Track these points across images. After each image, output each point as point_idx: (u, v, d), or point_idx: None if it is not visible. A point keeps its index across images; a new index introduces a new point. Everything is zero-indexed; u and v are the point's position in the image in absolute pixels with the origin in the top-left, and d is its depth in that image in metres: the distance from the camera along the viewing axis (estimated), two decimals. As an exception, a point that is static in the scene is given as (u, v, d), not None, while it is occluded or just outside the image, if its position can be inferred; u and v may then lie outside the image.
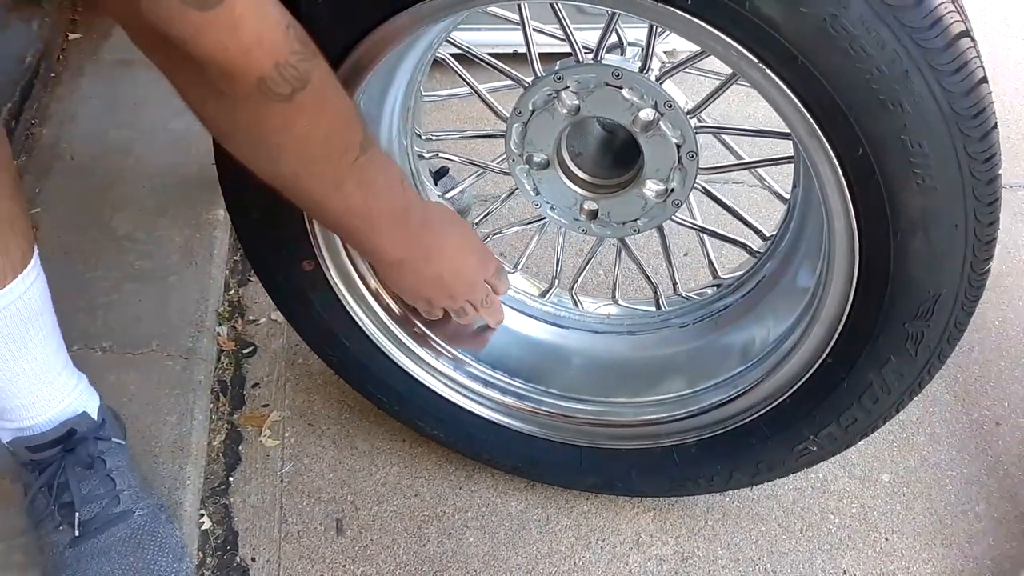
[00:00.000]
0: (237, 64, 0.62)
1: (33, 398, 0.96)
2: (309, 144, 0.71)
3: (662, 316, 1.12)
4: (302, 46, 0.66)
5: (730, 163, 1.01)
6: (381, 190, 0.81)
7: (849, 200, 0.77)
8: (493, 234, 1.17)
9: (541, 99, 0.93)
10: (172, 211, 1.43)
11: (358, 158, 0.76)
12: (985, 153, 0.73)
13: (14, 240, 0.88)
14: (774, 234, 1.04)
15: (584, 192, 1.00)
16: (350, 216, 0.81)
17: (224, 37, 0.60)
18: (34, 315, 0.93)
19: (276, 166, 0.74)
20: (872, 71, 0.69)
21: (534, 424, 1.08)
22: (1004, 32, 2.03)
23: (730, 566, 1.12)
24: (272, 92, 0.65)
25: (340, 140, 0.74)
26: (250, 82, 0.63)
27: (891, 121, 0.71)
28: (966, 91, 0.70)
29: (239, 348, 1.32)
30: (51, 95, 1.64)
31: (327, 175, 0.76)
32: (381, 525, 1.13)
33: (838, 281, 0.83)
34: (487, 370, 1.08)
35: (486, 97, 1.03)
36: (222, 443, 1.20)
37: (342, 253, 1.01)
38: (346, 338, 1.06)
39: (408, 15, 0.79)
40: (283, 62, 0.64)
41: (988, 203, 0.75)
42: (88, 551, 0.95)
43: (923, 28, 0.67)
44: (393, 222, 0.85)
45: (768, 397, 0.95)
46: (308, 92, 0.67)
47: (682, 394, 1.03)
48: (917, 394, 0.90)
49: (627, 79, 0.88)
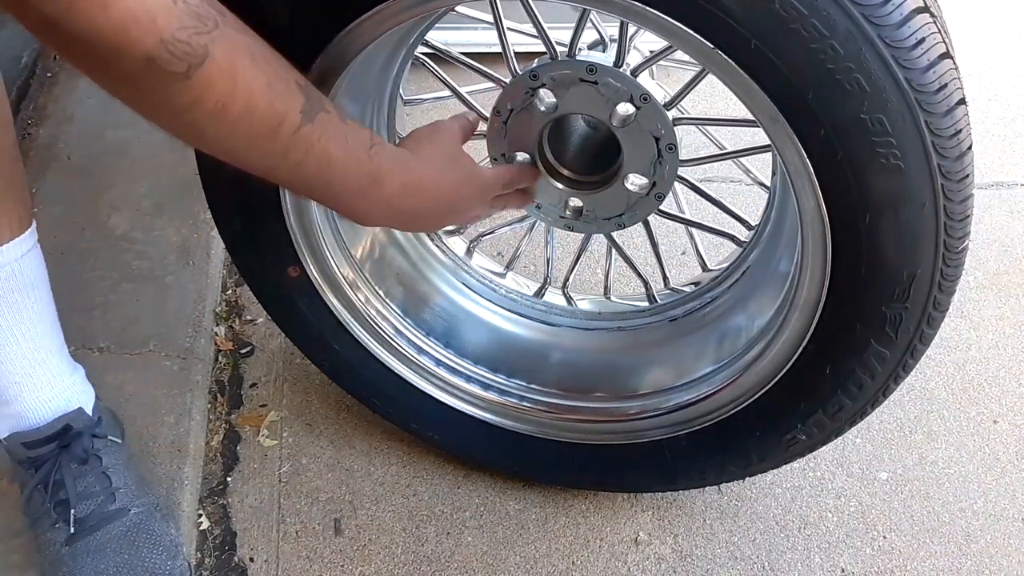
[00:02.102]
0: (115, 42, 0.58)
1: (25, 375, 0.96)
2: (229, 119, 0.67)
3: (652, 310, 1.12)
4: (196, 19, 0.62)
5: (710, 154, 1.01)
6: (337, 159, 0.75)
7: (816, 183, 0.76)
8: (484, 235, 1.18)
9: (519, 98, 0.94)
10: (169, 211, 1.43)
11: (300, 127, 0.70)
12: (950, 129, 0.72)
13: (11, 200, 0.88)
14: (758, 223, 1.03)
15: (568, 189, 1.01)
16: (307, 185, 0.76)
17: (96, 14, 0.56)
18: (30, 285, 0.92)
19: (207, 144, 0.70)
20: (826, 51, 0.68)
21: (523, 421, 1.09)
22: (1002, 31, 2.02)
23: (728, 564, 1.11)
24: (164, 71, 0.61)
25: (267, 111, 0.68)
26: (138, 61, 0.59)
27: (850, 101, 0.70)
28: (925, 67, 0.69)
29: (237, 348, 1.33)
30: (48, 95, 1.64)
31: (264, 147, 0.70)
32: (379, 525, 1.14)
33: (814, 266, 0.83)
34: (472, 366, 1.09)
35: (466, 99, 1.04)
36: (220, 443, 1.22)
37: (327, 259, 1.03)
38: (335, 343, 1.08)
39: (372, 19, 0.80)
40: (170, 38, 0.59)
41: (957, 180, 0.74)
42: (83, 549, 0.96)
43: (876, 5, 0.67)
44: (360, 191, 0.79)
45: (753, 387, 0.94)
46: (211, 66, 0.62)
47: (669, 387, 1.03)
48: (903, 379, 0.88)
49: (602, 74, 0.89)
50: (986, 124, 1.76)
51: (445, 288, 1.15)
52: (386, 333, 1.08)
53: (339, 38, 0.81)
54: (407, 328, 1.10)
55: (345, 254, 1.06)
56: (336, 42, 0.82)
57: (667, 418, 1.02)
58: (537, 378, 1.09)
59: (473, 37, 1.53)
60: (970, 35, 1.96)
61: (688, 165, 0.97)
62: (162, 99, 0.63)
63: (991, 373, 1.33)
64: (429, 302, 1.14)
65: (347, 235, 1.05)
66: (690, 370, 1.02)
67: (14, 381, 0.96)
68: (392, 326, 1.09)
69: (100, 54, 0.59)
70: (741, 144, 1.03)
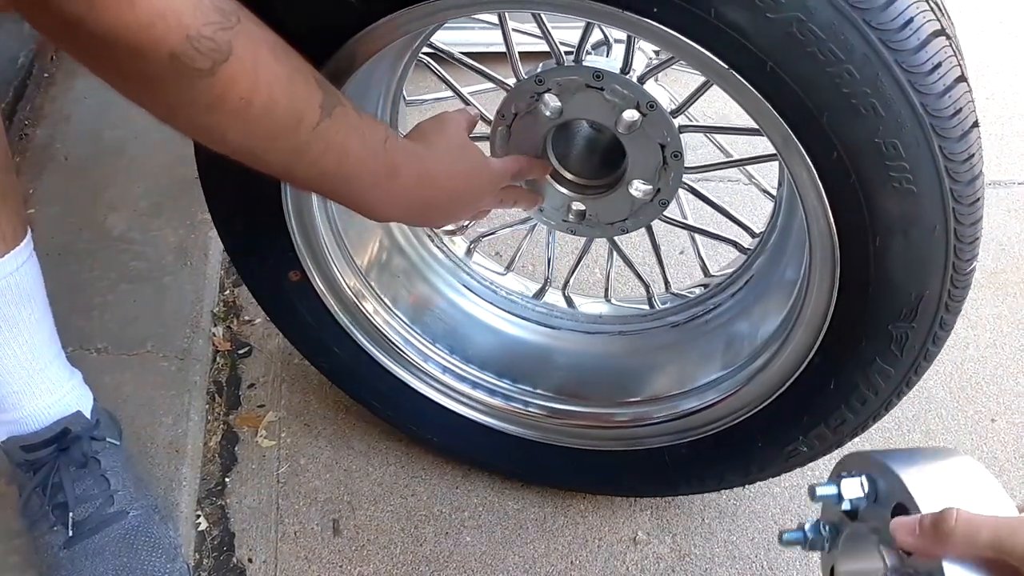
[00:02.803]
0: (141, 40, 0.57)
1: (24, 384, 0.95)
2: (251, 117, 0.65)
3: (654, 315, 1.11)
4: (220, 15, 0.60)
5: (715, 162, 1.00)
6: (355, 153, 0.74)
7: (827, 203, 0.76)
8: (483, 236, 1.17)
9: (524, 102, 0.92)
10: (167, 211, 1.43)
11: (320, 123, 0.70)
12: (963, 154, 0.72)
13: (5, 214, 0.87)
14: (763, 231, 1.03)
15: (571, 193, 1.00)
16: (324, 181, 0.76)
17: (122, 12, 0.55)
18: (26, 296, 0.92)
19: (227, 144, 0.68)
20: (842, 75, 0.67)
21: (524, 426, 1.09)
22: (998, 30, 2.01)
23: (727, 563, 1.11)
24: (190, 68, 0.60)
25: (289, 107, 0.67)
26: (162, 60, 0.58)
27: (864, 125, 0.69)
28: (941, 91, 0.69)
29: (235, 348, 1.33)
30: (44, 95, 1.63)
31: (284, 144, 0.69)
32: (378, 525, 1.14)
33: (821, 281, 0.82)
34: (474, 371, 1.09)
35: (470, 100, 1.03)
36: (218, 444, 1.21)
37: (328, 263, 1.02)
38: (335, 345, 1.07)
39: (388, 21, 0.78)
40: (195, 34, 0.58)
41: (968, 204, 0.74)
42: (82, 552, 0.96)
43: (893, 30, 0.66)
44: (376, 184, 0.78)
45: (757, 398, 0.94)
46: (234, 62, 0.61)
47: (672, 394, 1.03)
48: (905, 394, 0.89)
49: (608, 80, 0.88)
50: (983, 123, 1.74)
51: (447, 290, 1.15)
52: (389, 338, 1.08)
53: (351, 42, 0.80)
54: (412, 335, 1.09)
55: (347, 258, 1.05)
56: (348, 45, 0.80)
57: (669, 426, 1.02)
58: (541, 383, 1.09)
59: (471, 37, 1.50)
60: (967, 35, 1.95)
61: (693, 172, 0.96)
62: (185, 98, 0.62)
63: (989, 372, 1.34)
64: (431, 305, 1.13)
65: (349, 238, 1.04)
66: (693, 377, 1.02)
67: (13, 391, 0.96)
68: (396, 331, 1.08)
69: (123, 53, 0.58)
70: (750, 150, 1.02)
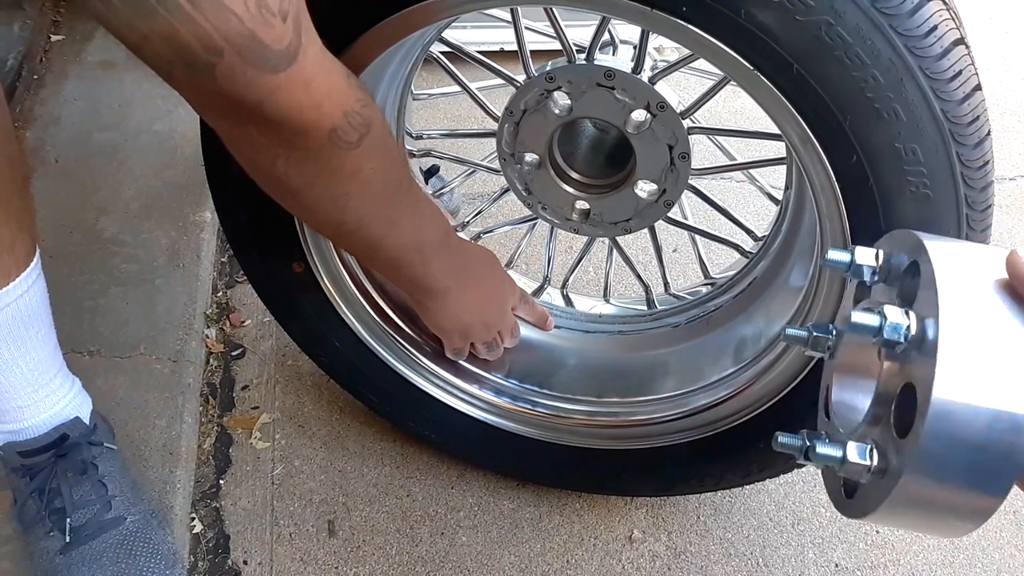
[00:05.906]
0: (311, 119, 0.63)
1: (29, 399, 0.95)
2: (373, 185, 0.73)
3: (654, 315, 1.12)
4: (363, 92, 0.67)
5: (722, 164, 1.00)
6: (427, 217, 0.83)
7: (843, 206, 0.76)
8: (484, 233, 1.16)
9: (533, 99, 0.92)
10: (158, 213, 1.41)
11: (409, 190, 0.78)
12: (979, 160, 0.73)
13: (20, 238, 0.88)
14: (766, 235, 1.04)
15: (576, 192, 0.99)
16: (406, 251, 0.83)
17: (299, 94, 0.60)
18: (34, 316, 0.92)
19: (343, 214, 0.74)
20: (867, 79, 0.68)
21: (526, 425, 1.08)
22: (989, 26, 2.05)
23: (723, 561, 1.12)
24: (343, 140, 0.66)
25: (396, 175, 0.76)
26: (323, 134, 0.64)
27: (885, 129, 0.70)
28: (961, 99, 0.70)
29: (228, 350, 1.31)
30: (34, 98, 1.62)
31: (387, 213, 0.77)
32: (373, 526, 1.13)
33: (831, 285, 0.83)
34: (479, 371, 1.08)
35: (478, 97, 1.02)
36: (212, 446, 1.19)
37: (332, 255, 1.01)
38: (336, 339, 1.06)
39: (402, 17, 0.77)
40: (350, 110, 0.65)
41: (981, 210, 0.75)
42: (79, 558, 0.94)
43: (919, 36, 0.67)
44: (438, 249, 0.87)
45: (761, 399, 0.95)
46: (373, 135, 0.69)
47: (674, 395, 1.03)
48: (909, 396, 0.90)
49: (619, 80, 0.87)
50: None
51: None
52: (392, 332, 1.07)
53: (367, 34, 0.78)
54: (415, 330, 1.08)
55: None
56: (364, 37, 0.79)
57: (670, 425, 1.02)
58: (548, 383, 1.08)
59: (480, 35, 1.49)
60: (960, 31, 1.99)
61: (700, 174, 0.96)
62: (329, 168, 0.69)
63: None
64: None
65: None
66: (696, 378, 1.02)
67: (16, 406, 0.95)
68: (399, 326, 1.07)
69: (291, 130, 0.63)
70: (751, 152, 1.03)
